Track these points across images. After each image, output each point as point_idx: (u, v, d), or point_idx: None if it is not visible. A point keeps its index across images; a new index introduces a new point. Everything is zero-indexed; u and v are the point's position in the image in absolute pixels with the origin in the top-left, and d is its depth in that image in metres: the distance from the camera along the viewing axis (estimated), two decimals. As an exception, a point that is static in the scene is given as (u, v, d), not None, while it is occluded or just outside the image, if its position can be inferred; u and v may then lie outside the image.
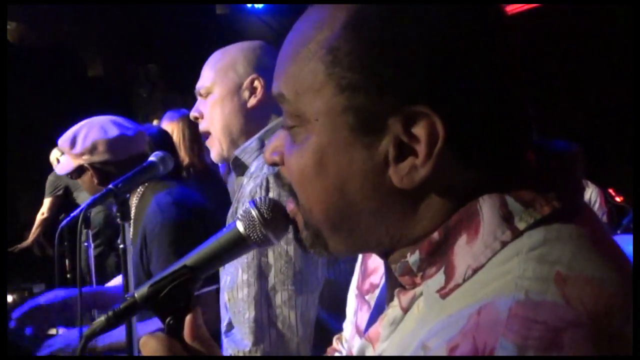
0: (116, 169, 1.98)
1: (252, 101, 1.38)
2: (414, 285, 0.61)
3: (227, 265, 1.26)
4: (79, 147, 1.97)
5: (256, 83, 1.39)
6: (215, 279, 1.32)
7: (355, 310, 0.84)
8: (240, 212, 0.75)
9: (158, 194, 1.94)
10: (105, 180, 2.00)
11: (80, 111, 2.18)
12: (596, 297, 0.50)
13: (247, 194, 1.23)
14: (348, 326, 0.90)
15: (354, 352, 0.75)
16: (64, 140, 2.01)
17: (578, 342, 0.47)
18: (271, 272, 1.16)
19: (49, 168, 5.08)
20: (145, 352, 0.70)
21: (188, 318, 0.71)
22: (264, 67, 1.40)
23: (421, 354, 0.53)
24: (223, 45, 1.53)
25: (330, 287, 1.23)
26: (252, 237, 0.72)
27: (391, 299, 0.66)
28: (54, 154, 5.01)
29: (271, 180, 1.19)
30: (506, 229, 0.55)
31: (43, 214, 5.31)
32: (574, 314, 0.49)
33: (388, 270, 0.69)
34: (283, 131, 0.65)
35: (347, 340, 0.90)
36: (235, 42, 1.51)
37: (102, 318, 0.71)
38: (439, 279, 0.58)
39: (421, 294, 0.60)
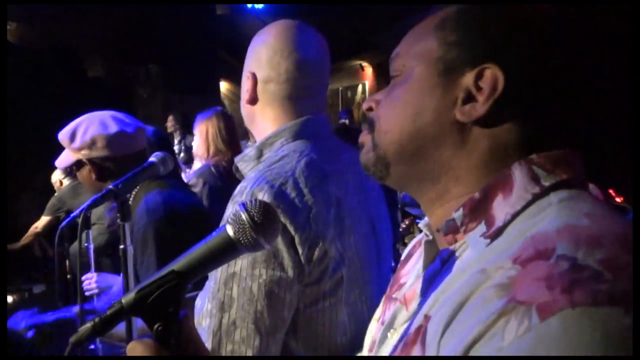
0: (115, 165, 1.97)
1: None
2: (455, 241, 0.74)
3: (203, 289, 1.22)
4: (78, 142, 1.96)
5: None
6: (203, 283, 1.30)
7: (379, 317, 0.92)
8: (230, 215, 0.73)
9: (148, 195, 1.92)
10: (103, 176, 1.98)
11: (80, 111, 2.17)
12: (621, 228, 0.62)
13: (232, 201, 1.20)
14: (368, 339, 0.97)
15: (380, 334, 0.85)
16: (63, 133, 1.99)
17: (615, 244, 0.58)
18: (234, 306, 1.12)
19: (49, 168, 5.07)
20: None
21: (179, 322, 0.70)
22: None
23: (479, 277, 0.62)
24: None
25: (309, 322, 1.19)
26: (242, 242, 0.71)
27: (428, 264, 0.79)
28: (56, 176, 4.93)
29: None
30: (535, 185, 0.68)
31: (36, 227, 5.30)
32: (608, 230, 0.61)
33: (427, 250, 0.81)
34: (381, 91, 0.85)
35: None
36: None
37: (89, 324, 0.70)
38: (480, 228, 0.70)
39: (462, 244, 0.73)
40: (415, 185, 0.80)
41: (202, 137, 3.35)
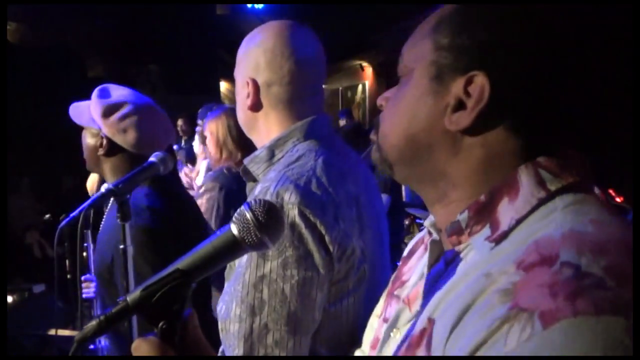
0: (128, 157, 1.95)
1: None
2: (460, 243, 0.73)
3: (223, 293, 1.21)
4: (112, 120, 1.91)
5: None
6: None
7: (381, 313, 0.93)
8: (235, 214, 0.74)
9: (134, 197, 1.88)
10: (110, 156, 1.96)
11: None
12: (627, 235, 0.61)
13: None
14: (369, 335, 0.97)
15: (382, 333, 0.85)
16: (105, 102, 1.93)
17: (620, 252, 0.58)
18: (264, 309, 1.10)
19: (49, 168, 5.06)
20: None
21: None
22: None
23: (483, 281, 0.62)
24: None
25: (332, 321, 1.18)
26: (247, 241, 0.71)
27: (432, 264, 0.79)
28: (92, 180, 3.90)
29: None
30: (541, 189, 0.67)
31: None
32: (613, 237, 0.60)
33: (432, 249, 0.81)
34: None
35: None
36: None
37: (94, 322, 0.70)
38: (485, 231, 0.69)
39: (466, 247, 0.72)
40: (416, 185, 0.81)
41: (214, 138, 3.25)
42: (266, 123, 1.31)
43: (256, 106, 1.30)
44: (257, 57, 1.29)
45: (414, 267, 0.90)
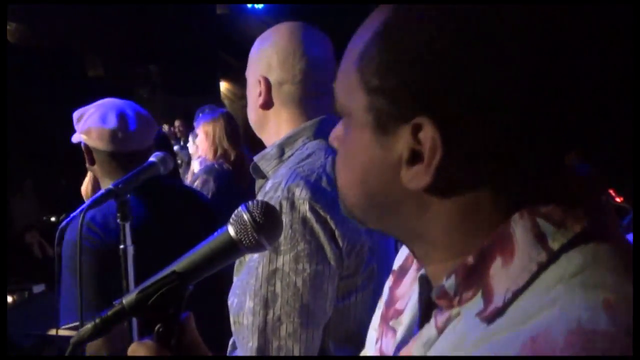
0: (104, 157, 1.94)
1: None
2: (451, 306, 0.61)
3: (234, 287, 1.24)
4: (80, 126, 1.96)
5: None
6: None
7: (377, 338, 0.83)
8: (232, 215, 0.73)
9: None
10: (92, 163, 1.96)
11: (79, 112, 2.18)
12: None
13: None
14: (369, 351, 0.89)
15: None
16: (77, 111, 1.99)
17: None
18: (277, 302, 1.14)
19: (49, 168, 5.06)
20: (134, 359, 0.69)
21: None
22: None
23: None
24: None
25: (341, 316, 1.21)
26: (244, 242, 0.71)
27: (426, 319, 0.66)
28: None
29: (285, 205, 1.15)
30: (541, 249, 0.55)
31: None
32: (625, 342, 0.49)
33: (422, 287, 0.70)
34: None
35: None
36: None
37: (89, 325, 0.70)
38: (477, 302, 0.58)
39: (457, 314, 0.61)
40: (398, 238, 0.72)
41: (209, 138, 3.51)
42: (277, 121, 1.34)
43: (267, 104, 1.33)
44: (269, 56, 1.32)
45: (407, 295, 0.79)
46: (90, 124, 1.94)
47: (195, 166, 4.13)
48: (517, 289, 0.55)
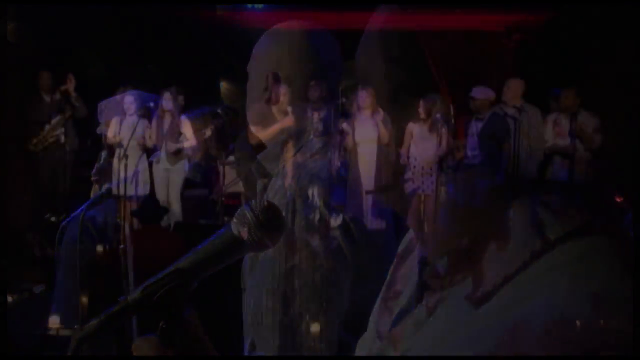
0: None
1: None
2: (442, 287, 0.62)
3: (249, 288, 1.24)
4: None
5: None
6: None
7: (376, 320, 0.84)
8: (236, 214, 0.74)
9: None
10: None
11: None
12: (629, 318, 0.49)
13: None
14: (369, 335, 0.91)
15: (373, 354, 0.76)
16: None
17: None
18: (297, 299, 1.15)
19: (48, 168, 5.05)
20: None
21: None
22: None
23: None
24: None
25: (354, 309, 1.23)
26: (247, 240, 0.72)
27: (419, 300, 0.67)
28: None
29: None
30: (537, 238, 0.55)
31: None
32: (608, 337, 0.48)
33: (421, 270, 0.71)
34: None
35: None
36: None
37: (94, 321, 0.71)
38: (466, 285, 0.59)
39: (447, 295, 0.62)
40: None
41: (198, 135, 3.51)
42: (280, 117, 1.35)
43: (273, 100, 1.34)
44: (280, 54, 1.32)
45: (406, 278, 0.81)
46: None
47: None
48: (508, 275, 0.55)
